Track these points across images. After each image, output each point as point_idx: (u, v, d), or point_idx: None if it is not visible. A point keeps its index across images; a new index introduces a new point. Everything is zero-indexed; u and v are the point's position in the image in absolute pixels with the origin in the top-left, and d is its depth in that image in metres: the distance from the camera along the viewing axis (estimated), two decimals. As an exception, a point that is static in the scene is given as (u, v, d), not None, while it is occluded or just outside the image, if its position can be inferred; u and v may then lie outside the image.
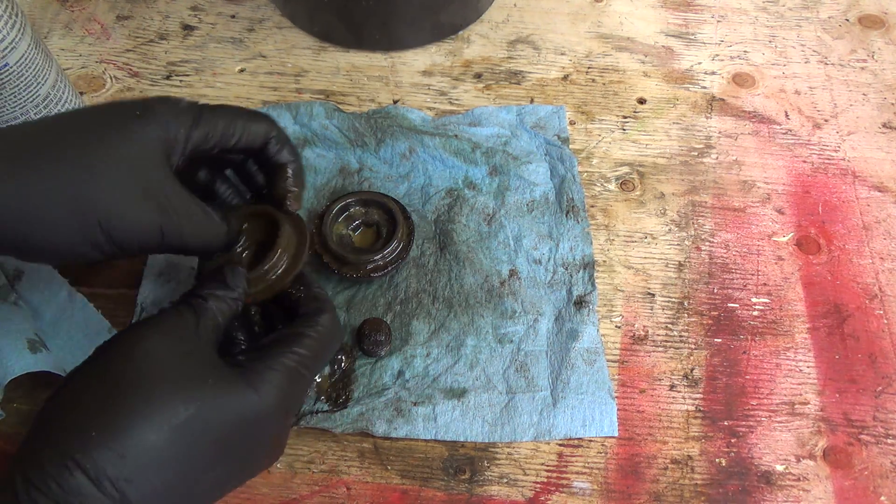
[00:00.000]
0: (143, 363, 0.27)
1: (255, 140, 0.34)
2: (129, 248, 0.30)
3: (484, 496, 0.39)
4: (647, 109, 0.54)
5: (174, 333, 0.29)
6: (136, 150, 0.30)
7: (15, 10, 0.42)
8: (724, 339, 0.44)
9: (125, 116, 0.30)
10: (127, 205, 0.29)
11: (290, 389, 0.30)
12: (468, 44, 0.58)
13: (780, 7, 0.61)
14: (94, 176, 0.28)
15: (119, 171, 0.29)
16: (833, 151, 0.52)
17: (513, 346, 0.43)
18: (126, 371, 0.27)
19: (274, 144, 0.35)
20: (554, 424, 0.40)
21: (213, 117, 0.33)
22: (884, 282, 0.46)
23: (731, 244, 0.48)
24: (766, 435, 0.41)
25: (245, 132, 0.34)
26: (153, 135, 0.30)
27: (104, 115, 0.31)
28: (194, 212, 0.31)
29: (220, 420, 0.28)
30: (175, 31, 0.58)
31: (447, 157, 0.50)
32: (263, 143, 0.35)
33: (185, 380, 0.27)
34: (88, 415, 0.26)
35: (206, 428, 0.27)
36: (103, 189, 0.28)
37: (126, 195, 0.29)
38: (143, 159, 0.30)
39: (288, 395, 0.30)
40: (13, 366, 0.38)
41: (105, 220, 0.28)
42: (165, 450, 0.26)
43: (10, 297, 0.42)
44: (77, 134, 0.29)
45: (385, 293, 0.45)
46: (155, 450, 0.26)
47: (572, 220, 0.48)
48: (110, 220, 0.29)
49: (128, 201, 0.29)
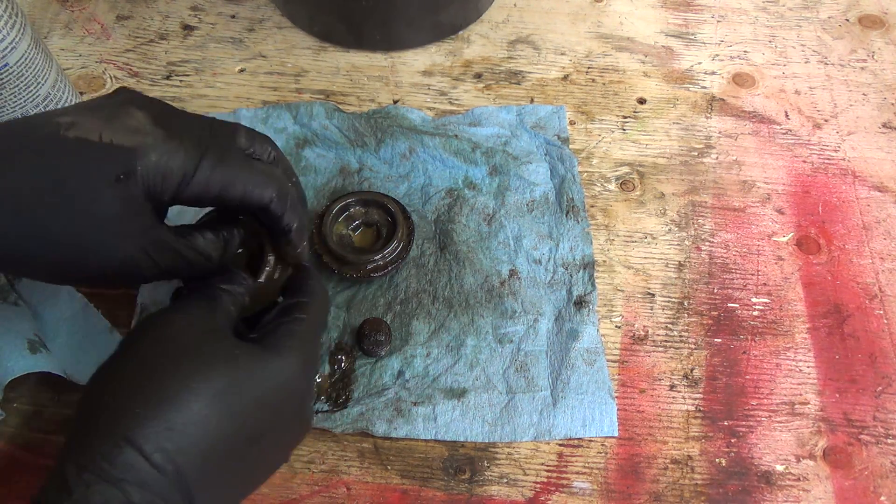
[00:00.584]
0: (175, 342, 0.28)
1: (252, 205, 0.32)
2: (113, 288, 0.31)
3: (484, 496, 0.39)
4: (647, 109, 0.54)
5: (198, 316, 0.30)
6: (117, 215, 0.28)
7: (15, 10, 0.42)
8: (724, 339, 0.44)
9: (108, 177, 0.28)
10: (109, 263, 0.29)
11: (308, 351, 0.32)
12: (468, 44, 0.58)
13: (780, 7, 0.61)
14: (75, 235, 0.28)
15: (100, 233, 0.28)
16: (833, 151, 0.52)
17: (513, 346, 0.43)
18: (160, 350, 0.28)
19: (275, 208, 0.33)
20: (554, 424, 0.40)
21: (208, 180, 0.30)
22: (884, 282, 0.46)
23: (731, 244, 0.48)
24: (766, 435, 0.41)
25: (243, 196, 0.31)
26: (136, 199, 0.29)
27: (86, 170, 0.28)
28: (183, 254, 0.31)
29: (252, 388, 0.28)
30: (175, 31, 0.58)
31: (447, 157, 0.50)
32: (263, 207, 0.32)
33: (216, 354, 0.28)
34: (130, 394, 0.26)
35: (242, 396, 0.28)
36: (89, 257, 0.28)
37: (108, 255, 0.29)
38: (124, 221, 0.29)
39: (307, 357, 0.31)
40: (13, 366, 0.38)
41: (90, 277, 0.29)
42: (209, 418, 0.27)
43: (10, 297, 0.42)
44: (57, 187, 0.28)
45: (385, 293, 0.45)
46: (199, 419, 0.26)
47: (572, 220, 0.48)
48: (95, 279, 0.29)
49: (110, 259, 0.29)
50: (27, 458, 0.39)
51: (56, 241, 0.28)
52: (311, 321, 0.33)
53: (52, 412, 0.41)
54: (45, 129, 0.28)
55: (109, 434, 0.25)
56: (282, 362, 0.30)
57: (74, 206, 0.28)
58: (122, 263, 0.29)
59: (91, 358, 0.41)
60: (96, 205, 0.28)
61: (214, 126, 0.32)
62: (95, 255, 0.29)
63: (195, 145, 0.30)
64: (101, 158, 0.28)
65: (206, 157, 0.30)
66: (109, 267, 0.29)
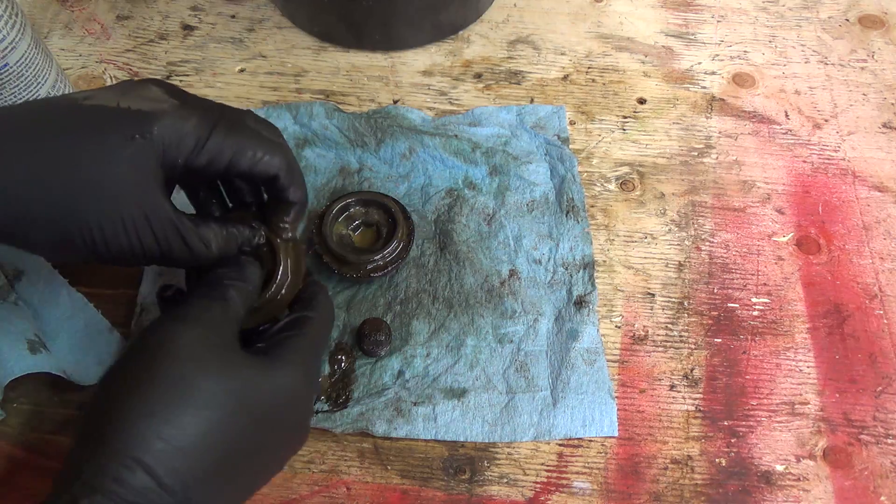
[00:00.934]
0: (181, 356, 0.28)
1: (262, 174, 0.33)
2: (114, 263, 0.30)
3: (484, 496, 0.39)
4: (647, 109, 0.54)
5: (204, 325, 0.29)
6: (127, 175, 0.29)
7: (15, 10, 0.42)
8: (724, 339, 0.44)
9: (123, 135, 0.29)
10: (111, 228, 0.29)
11: (310, 367, 0.32)
12: (468, 44, 0.58)
13: (780, 7, 0.61)
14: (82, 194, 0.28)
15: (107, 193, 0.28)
16: (833, 151, 0.52)
17: (513, 346, 0.43)
18: (166, 366, 0.27)
19: (283, 179, 0.33)
20: (554, 424, 0.40)
21: (220, 144, 0.31)
22: (884, 282, 0.46)
23: (731, 244, 0.48)
24: (766, 435, 0.41)
25: (253, 164, 0.32)
26: (148, 161, 0.29)
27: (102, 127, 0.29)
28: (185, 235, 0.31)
29: (257, 403, 0.28)
30: (175, 31, 0.58)
31: (447, 157, 0.50)
32: (271, 177, 0.33)
33: (222, 369, 0.28)
34: (140, 412, 0.26)
35: (248, 413, 0.28)
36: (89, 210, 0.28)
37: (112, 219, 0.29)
38: (133, 184, 0.29)
39: (309, 374, 0.32)
40: (13, 367, 0.38)
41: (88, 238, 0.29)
42: (216, 438, 0.27)
43: (10, 297, 0.42)
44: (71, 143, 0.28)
45: (385, 293, 0.45)
46: (207, 439, 0.26)
47: (572, 220, 0.48)
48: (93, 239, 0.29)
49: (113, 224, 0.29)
50: (27, 458, 0.39)
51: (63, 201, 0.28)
52: (316, 336, 0.33)
53: (52, 412, 0.41)
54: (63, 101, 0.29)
55: (119, 454, 0.25)
56: (287, 378, 0.30)
57: (87, 165, 0.28)
58: (122, 227, 0.29)
59: (91, 358, 0.41)
60: (109, 163, 0.28)
61: (225, 106, 0.33)
62: (100, 218, 0.28)
63: (208, 114, 0.31)
64: (118, 119, 0.29)
65: (218, 124, 0.31)
66: (108, 229, 0.29)
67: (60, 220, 0.28)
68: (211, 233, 0.32)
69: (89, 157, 0.28)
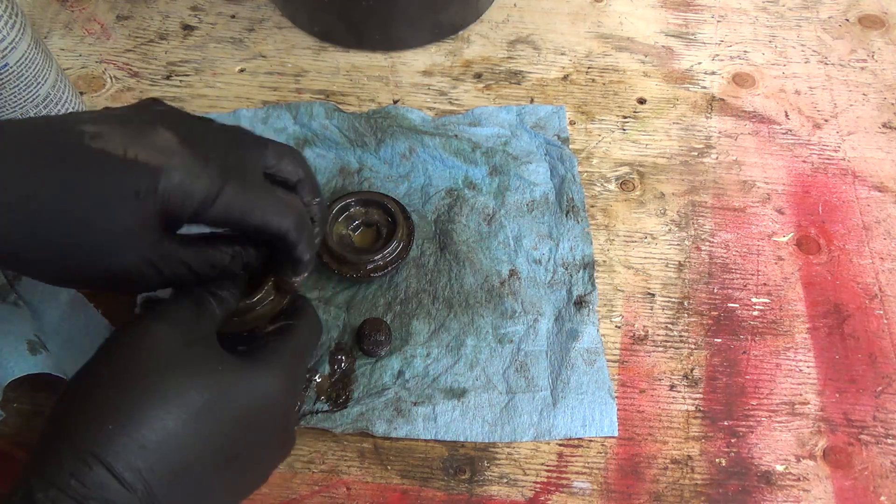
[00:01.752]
0: (152, 354, 0.27)
1: (270, 233, 0.32)
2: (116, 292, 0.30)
3: (484, 496, 0.39)
4: (647, 109, 0.54)
5: (179, 323, 0.29)
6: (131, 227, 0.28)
7: (15, 10, 0.42)
8: (724, 339, 0.44)
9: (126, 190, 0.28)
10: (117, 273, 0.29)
11: (293, 373, 0.31)
12: (468, 44, 0.58)
13: (780, 7, 0.61)
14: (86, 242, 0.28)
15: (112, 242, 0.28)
16: (833, 151, 0.52)
17: (513, 346, 0.43)
18: (136, 362, 0.27)
19: (292, 237, 0.32)
20: (554, 424, 0.40)
21: (230, 207, 0.29)
22: (884, 282, 0.46)
23: (731, 244, 0.48)
24: (766, 435, 0.41)
25: (261, 224, 0.31)
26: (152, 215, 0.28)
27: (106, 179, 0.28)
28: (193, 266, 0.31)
29: (233, 405, 0.28)
30: (175, 31, 0.58)
31: (447, 157, 0.50)
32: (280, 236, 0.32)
33: (195, 367, 0.28)
34: (103, 408, 0.26)
35: (221, 414, 0.27)
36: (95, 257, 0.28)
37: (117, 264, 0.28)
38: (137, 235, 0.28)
39: (291, 379, 0.31)
40: (13, 368, 0.38)
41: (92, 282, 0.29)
42: (184, 437, 0.26)
43: (10, 298, 0.42)
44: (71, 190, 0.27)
45: (385, 293, 0.45)
46: (174, 437, 0.26)
47: (572, 220, 0.48)
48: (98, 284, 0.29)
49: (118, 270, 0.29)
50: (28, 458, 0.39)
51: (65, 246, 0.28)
52: (299, 344, 0.33)
53: (52, 412, 0.41)
54: (69, 137, 0.28)
55: (78, 450, 0.25)
56: (265, 381, 0.29)
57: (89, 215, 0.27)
58: (129, 273, 0.29)
59: (91, 358, 0.41)
60: (111, 217, 0.28)
61: (243, 143, 0.32)
62: (103, 263, 0.28)
63: (220, 170, 0.29)
64: (123, 173, 0.28)
65: (228, 183, 0.29)
66: (115, 275, 0.29)
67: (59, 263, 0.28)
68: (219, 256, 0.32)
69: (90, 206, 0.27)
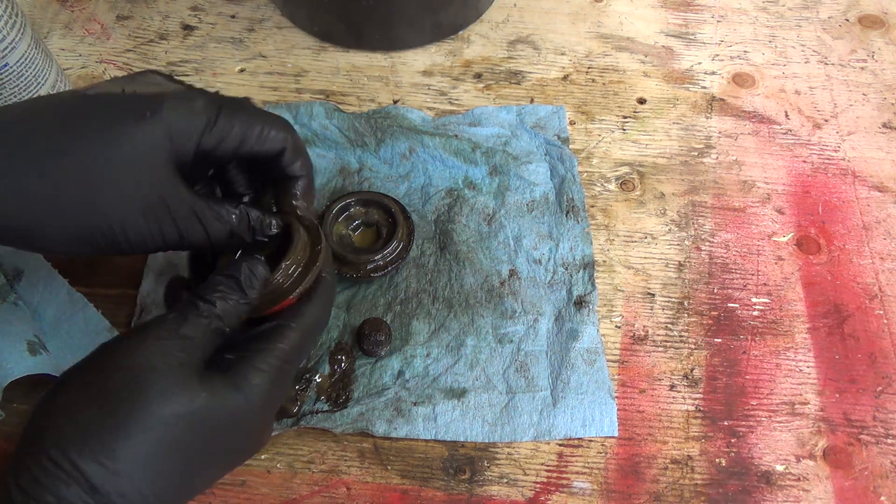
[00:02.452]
0: (137, 373, 0.27)
1: (269, 149, 0.32)
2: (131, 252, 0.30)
3: (484, 496, 0.39)
4: (647, 109, 0.54)
5: (168, 342, 0.28)
6: (142, 157, 0.29)
7: (15, 10, 0.42)
8: (724, 339, 0.44)
9: (134, 116, 0.29)
10: (130, 216, 0.29)
11: (274, 387, 0.31)
12: (468, 44, 0.58)
13: (780, 7, 0.61)
14: (98, 184, 0.28)
15: (124, 179, 0.28)
16: (833, 151, 0.52)
17: (513, 346, 0.43)
18: (119, 381, 0.27)
19: (288, 154, 0.33)
20: (554, 424, 0.40)
21: (230, 121, 0.31)
22: (884, 282, 0.46)
23: (731, 244, 0.48)
24: (766, 435, 0.41)
25: (261, 140, 0.32)
26: (161, 141, 0.29)
27: (112, 112, 0.29)
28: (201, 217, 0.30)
29: (209, 425, 0.28)
30: (175, 31, 0.58)
31: (447, 157, 0.50)
32: (278, 152, 0.33)
33: (177, 389, 0.27)
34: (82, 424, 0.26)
35: (197, 433, 0.27)
36: (107, 200, 0.28)
37: (130, 206, 0.28)
38: (149, 167, 0.29)
39: (272, 393, 0.30)
40: (12, 368, 0.38)
41: (107, 229, 0.28)
42: (159, 457, 0.26)
43: (10, 298, 0.42)
44: (81, 132, 0.28)
45: (385, 293, 0.45)
46: (149, 458, 0.26)
47: (572, 220, 0.48)
48: (112, 230, 0.28)
49: (131, 212, 0.29)
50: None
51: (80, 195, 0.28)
52: (289, 354, 0.31)
53: (52, 412, 0.41)
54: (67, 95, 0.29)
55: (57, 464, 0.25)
56: (244, 402, 0.29)
57: (100, 153, 0.28)
58: (142, 215, 0.29)
59: (91, 358, 0.41)
60: (122, 146, 0.28)
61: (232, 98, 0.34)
62: (119, 207, 0.28)
63: (214, 98, 0.31)
64: (126, 103, 0.29)
65: (224, 105, 0.31)
66: (132, 224, 0.28)
67: (79, 216, 0.28)
68: (226, 213, 0.31)
69: (101, 144, 0.28)
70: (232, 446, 0.30)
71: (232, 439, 0.30)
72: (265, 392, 0.30)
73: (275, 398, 0.31)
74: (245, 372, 0.29)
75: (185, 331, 0.29)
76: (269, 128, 0.32)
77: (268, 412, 0.31)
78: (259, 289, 0.31)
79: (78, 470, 0.25)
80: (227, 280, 0.30)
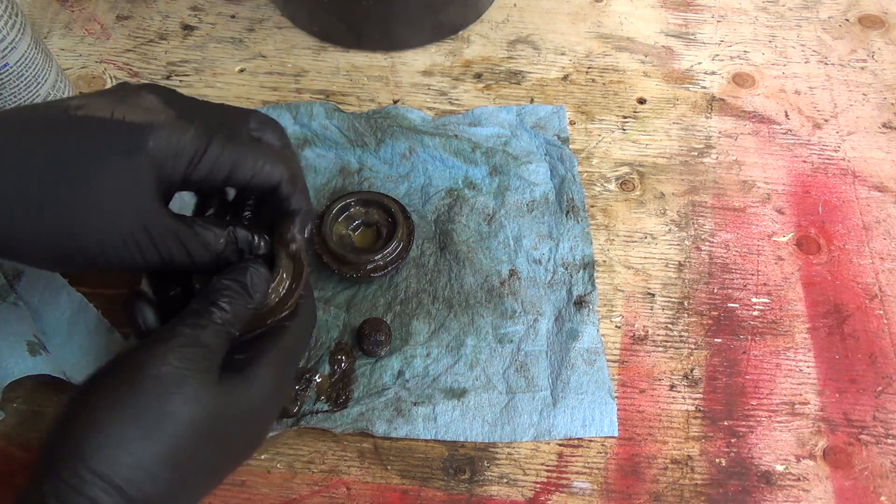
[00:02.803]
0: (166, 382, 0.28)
1: (261, 183, 0.32)
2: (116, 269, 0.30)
3: (484, 496, 0.39)
4: (647, 109, 0.54)
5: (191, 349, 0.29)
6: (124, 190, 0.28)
7: (15, 10, 0.42)
8: (724, 339, 0.44)
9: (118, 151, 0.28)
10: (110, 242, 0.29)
11: (281, 381, 0.32)
12: (468, 44, 0.58)
13: (780, 7, 0.61)
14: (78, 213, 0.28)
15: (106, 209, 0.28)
16: (833, 151, 0.52)
17: (513, 346, 0.43)
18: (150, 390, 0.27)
19: (284, 188, 0.32)
20: (554, 424, 0.40)
21: (219, 157, 0.30)
22: (884, 282, 0.46)
23: (731, 244, 0.48)
24: (766, 435, 0.41)
25: (252, 174, 0.31)
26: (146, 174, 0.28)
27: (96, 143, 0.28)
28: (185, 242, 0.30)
29: (224, 422, 0.29)
30: (175, 31, 0.58)
31: (447, 157, 0.50)
32: (272, 187, 0.32)
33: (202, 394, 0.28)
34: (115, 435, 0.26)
35: (218, 432, 0.29)
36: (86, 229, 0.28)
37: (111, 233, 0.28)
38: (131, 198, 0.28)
39: (278, 387, 0.32)
40: (12, 369, 0.38)
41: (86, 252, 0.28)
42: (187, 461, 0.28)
43: (10, 298, 0.42)
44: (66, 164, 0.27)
45: (385, 293, 0.45)
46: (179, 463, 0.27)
47: (572, 220, 0.48)
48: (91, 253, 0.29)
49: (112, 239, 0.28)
50: (27, 458, 0.39)
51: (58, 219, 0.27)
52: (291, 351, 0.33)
53: (52, 412, 0.41)
54: (54, 111, 0.28)
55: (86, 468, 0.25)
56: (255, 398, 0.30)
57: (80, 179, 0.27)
58: (122, 242, 0.29)
59: (90, 359, 0.41)
60: (102, 177, 0.28)
61: (225, 109, 0.33)
62: (95, 230, 0.28)
63: (206, 126, 0.30)
64: (111, 132, 0.28)
65: (216, 136, 0.30)
66: (108, 245, 0.28)
67: (56, 237, 0.28)
68: (213, 238, 0.31)
69: (83, 172, 0.27)
70: (247, 441, 0.32)
71: (246, 434, 0.31)
72: (272, 386, 0.31)
73: (281, 392, 0.33)
74: (257, 370, 0.31)
75: (206, 339, 0.29)
76: (262, 161, 0.31)
77: (274, 405, 0.33)
78: (263, 293, 0.32)
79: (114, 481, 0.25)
80: (232, 284, 0.31)
